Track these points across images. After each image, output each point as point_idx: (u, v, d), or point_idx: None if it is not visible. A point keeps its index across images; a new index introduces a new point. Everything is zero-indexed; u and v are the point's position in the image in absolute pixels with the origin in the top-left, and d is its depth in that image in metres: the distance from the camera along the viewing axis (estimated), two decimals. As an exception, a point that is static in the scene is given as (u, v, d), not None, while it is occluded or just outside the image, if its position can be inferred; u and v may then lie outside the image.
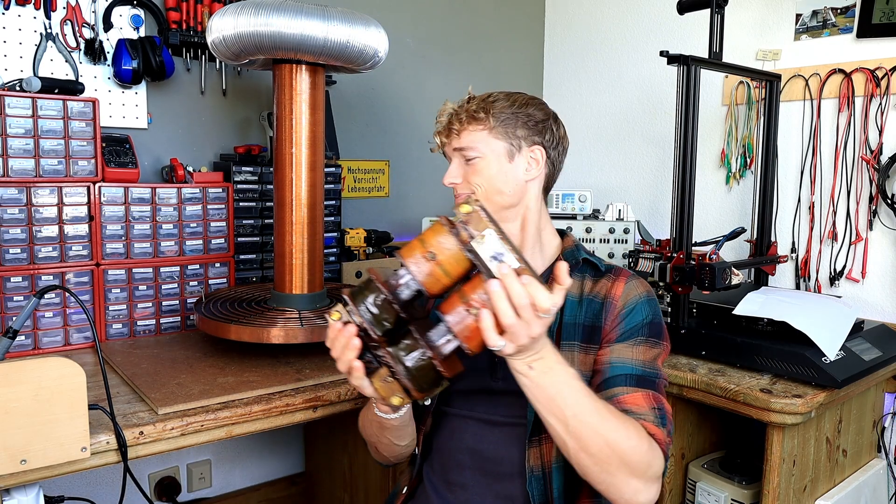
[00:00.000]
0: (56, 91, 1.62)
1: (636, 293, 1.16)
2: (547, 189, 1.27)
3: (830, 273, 2.03)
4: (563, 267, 0.91)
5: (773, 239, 2.03)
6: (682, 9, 1.88)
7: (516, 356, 0.93)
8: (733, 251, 2.16)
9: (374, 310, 0.93)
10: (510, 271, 0.87)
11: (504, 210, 1.21)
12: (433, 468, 1.26)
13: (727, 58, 1.99)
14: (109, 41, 1.82)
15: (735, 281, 1.66)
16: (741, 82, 2.18)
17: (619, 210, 2.14)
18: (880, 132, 1.91)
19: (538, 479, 1.14)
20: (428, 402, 1.20)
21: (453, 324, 0.92)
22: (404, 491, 1.29)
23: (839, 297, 1.94)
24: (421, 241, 0.94)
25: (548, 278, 1.14)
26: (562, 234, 1.29)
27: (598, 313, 1.16)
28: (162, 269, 1.77)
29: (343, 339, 0.97)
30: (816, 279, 2.06)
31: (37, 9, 1.71)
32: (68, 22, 1.76)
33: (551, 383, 0.95)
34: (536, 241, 1.24)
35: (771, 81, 1.95)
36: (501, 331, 0.89)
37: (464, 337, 0.92)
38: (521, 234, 1.23)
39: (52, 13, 1.73)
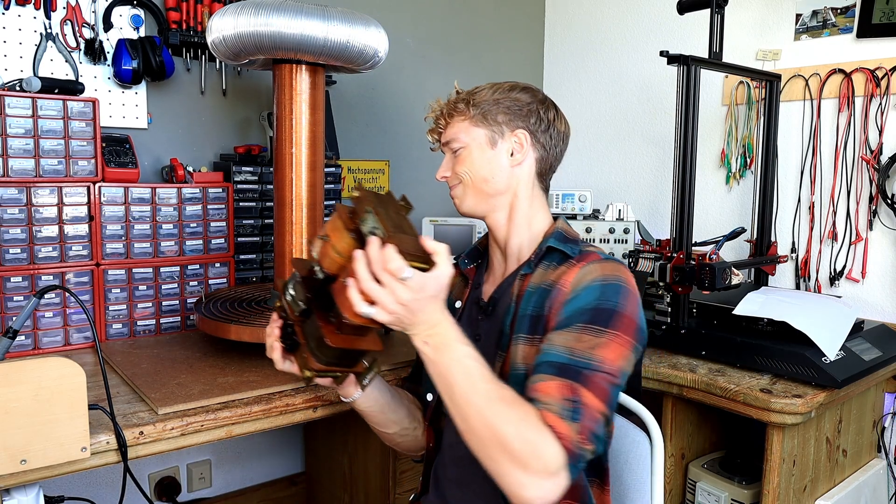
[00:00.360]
0: (56, 91, 1.62)
1: (589, 277, 1.07)
2: (542, 175, 1.23)
3: (830, 273, 2.03)
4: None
5: (773, 239, 2.03)
6: (682, 9, 1.88)
7: (410, 329, 0.96)
8: (733, 251, 2.16)
9: (292, 291, 1.04)
10: (375, 241, 0.92)
11: (491, 199, 1.20)
12: (441, 463, 1.27)
13: (727, 58, 1.99)
14: (109, 41, 1.82)
15: (735, 281, 1.66)
16: (741, 82, 2.18)
17: (619, 210, 2.14)
18: (880, 132, 1.91)
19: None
20: (366, 382, 1.19)
21: (336, 295, 0.99)
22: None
23: (839, 297, 1.94)
24: (322, 227, 1.01)
25: (534, 265, 1.16)
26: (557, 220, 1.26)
27: (543, 302, 1.10)
28: (162, 269, 1.77)
29: (271, 323, 1.11)
30: (816, 279, 2.06)
31: (37, 9, 1.71)
32: (68, 22, 1.76)
33: (443, 360, 0.96)
34: (527, 229, 1.22)
35: (771, 81, 1.95)
36: (371, 300, 0.93)
37: (343, 307, 0.97)
38: (507, 224, 1.22)
39: (52, 13, 1.73)
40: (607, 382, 0.98)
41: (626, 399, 1.26)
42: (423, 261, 0.93)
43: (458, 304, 1.27)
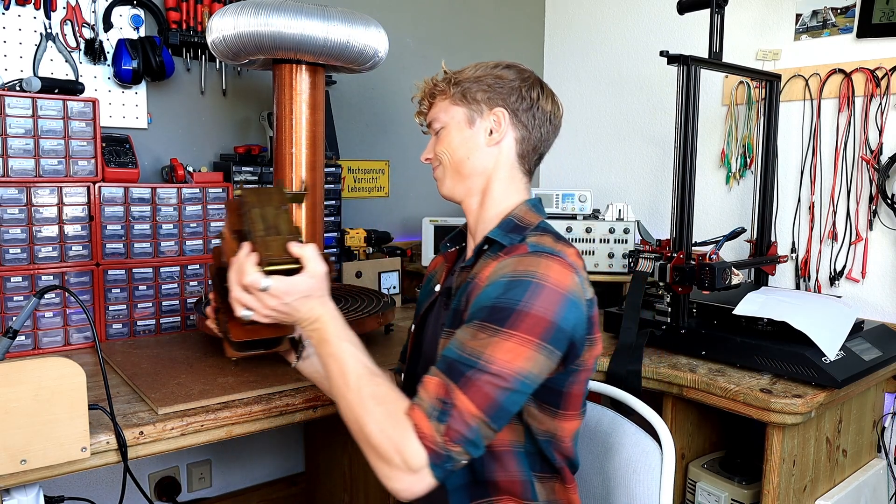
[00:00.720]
0: (56, 91, 1.62)
1: (501, 272, 1.01)
2: (524, 157, 1.16)
3: (830, 273, 2.03)
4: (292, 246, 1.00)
5: (773, 239, 2.03)
6: (682, 9, 1.88)
7: (297, 325, 1.02)
8: (733, 251, 2.16)
9: (210, 282, 1.12)
10: (245, 248, 0.98)
11: (467, 180, 1.15)
12: None
13: (727, 58, 1.99)
14: (109, 41, 1.82)
15: (735, 281, 1.65)
16: (741, 82, 2.18)
17: (619, 210, 2.14)
18: (880, 132, 1.91)
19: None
20: (302, 355, 1.22)
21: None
22: None
23: (839, 297, 1.94)
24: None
25: (475, 258, 1.13)
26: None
27: (465, 294, 1.07)
28: (162, 269, 1.77)
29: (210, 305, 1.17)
30: (816, 279, 2.06)
31: (37, 9, 1.71)
32: (68, 22, 1.76)
33: (322, 353, 1.01)
34: (495, 215, 1.15)
35: (771, 81, 1.95)
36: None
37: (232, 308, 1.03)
38: (478, 210, 1.16)
39: (52, 13, 1.73)
40: (492, 386, 0.94)
41: (639, 406, 1.26)
42: (294, 262, 0.99)
43: (437, 289, 1.23)
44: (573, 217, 2.15)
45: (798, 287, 2.10)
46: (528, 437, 1.08)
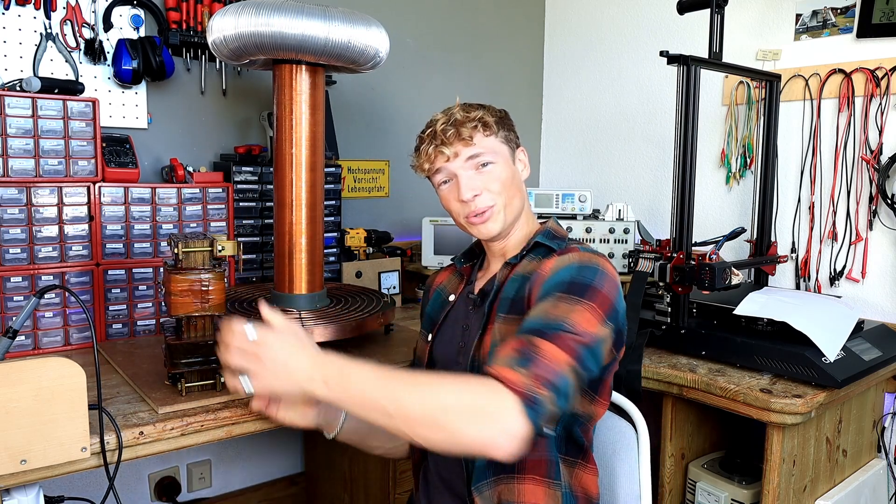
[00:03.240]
0: (56, 91, 1.62)
1: (566, 262, 1.13)
2: None
3: (830, 273, 2.03)
4: (261, 307, 1.04)
5: (773, 239, 2.03)
6: (682, 9, 1.88)
7: (305, 384, 0.97)
8: (733, 251, 2.16)
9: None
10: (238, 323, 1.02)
11: (516, 212, 1.24)
12: (428, 467, 1.29)
13: (727, 58, 1.99)
14: (109, 41, 1.82)
15: (735, 281, 1.65)
16: (741, 82, 2.18)
17: (619, 210, 2.14)
18: (880, 132, 1.91)
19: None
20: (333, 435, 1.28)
21: None
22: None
23: (839, 297, 1.94)
24: None
25: (520, 257, 1.23)
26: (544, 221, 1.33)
27: (522, 286, 1.16)
28: (162, 270, 1.76)
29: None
30: (816, 279, 2.06)
31: (37, 9, 1.71)
32: (68, 22, 1.76)
33: (352, 385, 0.95)
34: (524, 235, 1.27)
35: (771, 81, 1.95)
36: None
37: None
38: (512, 232, 1.26)
39: (52, 13, 1.73)
40: (575, 342, 1.00)
41: (614, 396, 1.34)
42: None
43: (451, 298, 1.32)
44: (573, 217, 2.15)
45: (798, 287, 2.10)
46: (560, 420, 1.14)
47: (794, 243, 2.10)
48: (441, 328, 1.31)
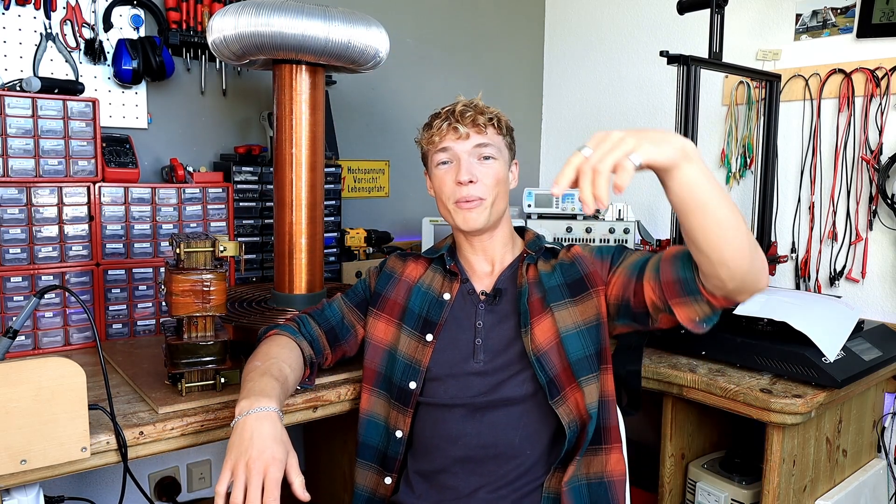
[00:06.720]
0: (56, 91, 1.62)
1: (589, 247, 1.35)
2: None
3: (830, 273, 2.03)
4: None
5: (773, 239, 2.03)
6: (682, 9, 1.88)
7: (685, 147, 1.06)
8: (733, 251, 2.16)
9: None
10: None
11: (502, 211, 1.33)
12: (416, 460, 1.30)
13: (727, 58, 2.00)
14: (109, 41, 1.82)
15: (735, 281, 1.65)
16: (741, 82, 2.18)
17: (619, 210, 2.14)
18: (880, 132, 1.91)
19: (574, 431, 1.22)
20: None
21: None
22: (388, 482, 1.32)
23: (839, 297, 1.94)
24: None
25: (516, 269, 1.32)
26: (521, 230, 1.42)
27: (574, 268, 1.31)
28: (162, 269, 1.76)
29: None
30: (816, 279, 2.06)
31: (37, 9, 1.71)
32: (68, 22, 1.76)
33: (707, 184, 1.10)
34: (510, 241, 1.37)
35: (771, 81, 1.95)
36: None
37: None
38: (499, 233, 1.34)
39: (52, 13, 1.73)
40: None
41: None
42: None
43: (447, 297, 1.33)
44: (573, 217, 2.15)
45: (798, 287, 2.10)
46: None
47: (793, 243, 2.10)
48: (443, 328, 1.31)
